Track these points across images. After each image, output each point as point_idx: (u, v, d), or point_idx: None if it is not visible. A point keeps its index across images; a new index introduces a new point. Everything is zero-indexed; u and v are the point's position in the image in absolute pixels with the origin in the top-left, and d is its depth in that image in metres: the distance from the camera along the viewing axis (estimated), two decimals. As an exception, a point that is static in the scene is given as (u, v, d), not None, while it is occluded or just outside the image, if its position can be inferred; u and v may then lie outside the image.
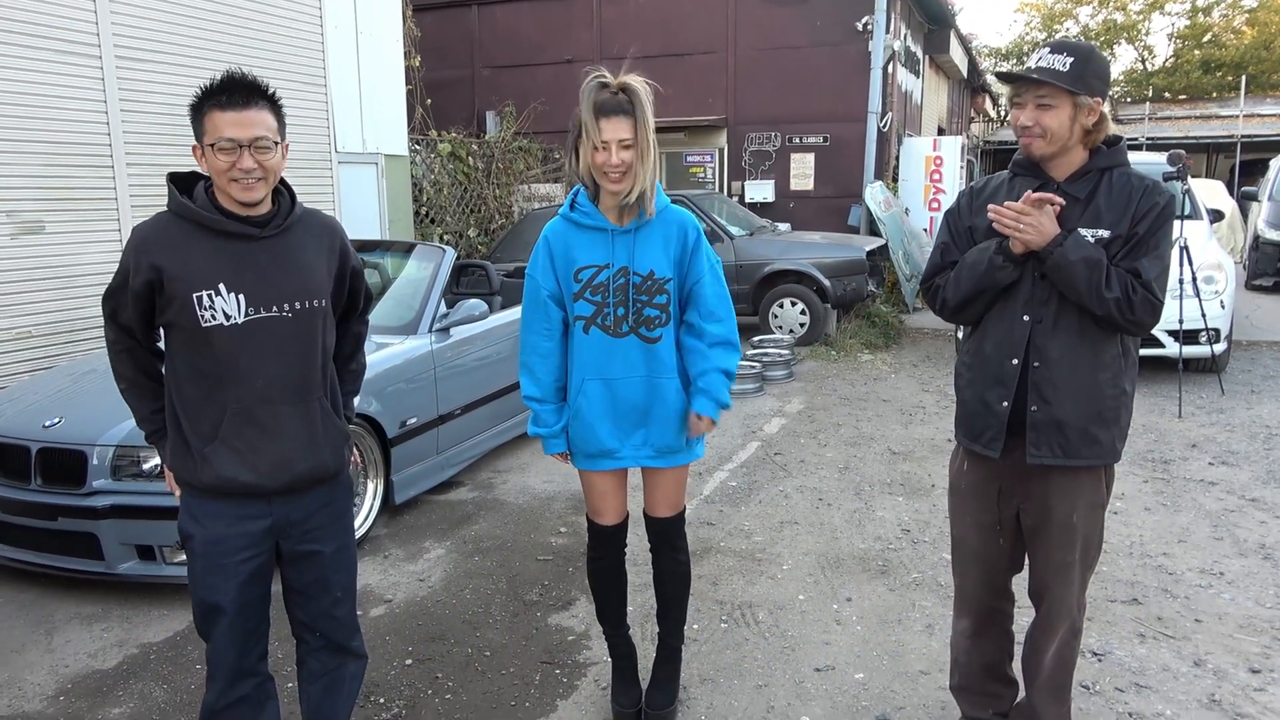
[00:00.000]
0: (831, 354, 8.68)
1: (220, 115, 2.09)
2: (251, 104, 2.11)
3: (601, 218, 2.57)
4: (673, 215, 2.61)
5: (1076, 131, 2.24)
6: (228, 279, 2.14)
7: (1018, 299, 2.32)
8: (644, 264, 2.56)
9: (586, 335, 2.59)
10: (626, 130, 2.44)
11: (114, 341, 2.25)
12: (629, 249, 2.56)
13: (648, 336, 2.58)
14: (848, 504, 4.73)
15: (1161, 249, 2.24)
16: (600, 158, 2.46)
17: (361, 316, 2.53)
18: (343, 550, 2.40)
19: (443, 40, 13.11)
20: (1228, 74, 29.86)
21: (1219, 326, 7.05)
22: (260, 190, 2.14)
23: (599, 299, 2.56)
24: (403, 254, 5.55)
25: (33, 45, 5.62)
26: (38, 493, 3.67)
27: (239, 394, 2.17)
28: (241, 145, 2.08)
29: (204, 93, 2.12)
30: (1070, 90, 2.18)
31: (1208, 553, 4.04)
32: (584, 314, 2.58)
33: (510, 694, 3.04)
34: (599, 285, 2.56)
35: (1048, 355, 2.29)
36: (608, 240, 2.56)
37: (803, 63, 12.41)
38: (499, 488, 5.10)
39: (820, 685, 3.04)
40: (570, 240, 2.59)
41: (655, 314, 2.57)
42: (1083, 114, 2.22)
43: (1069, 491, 2.35)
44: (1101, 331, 2.28)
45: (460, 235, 10.59)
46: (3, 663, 3.31)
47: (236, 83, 2.11)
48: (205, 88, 2.12)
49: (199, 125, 2.13)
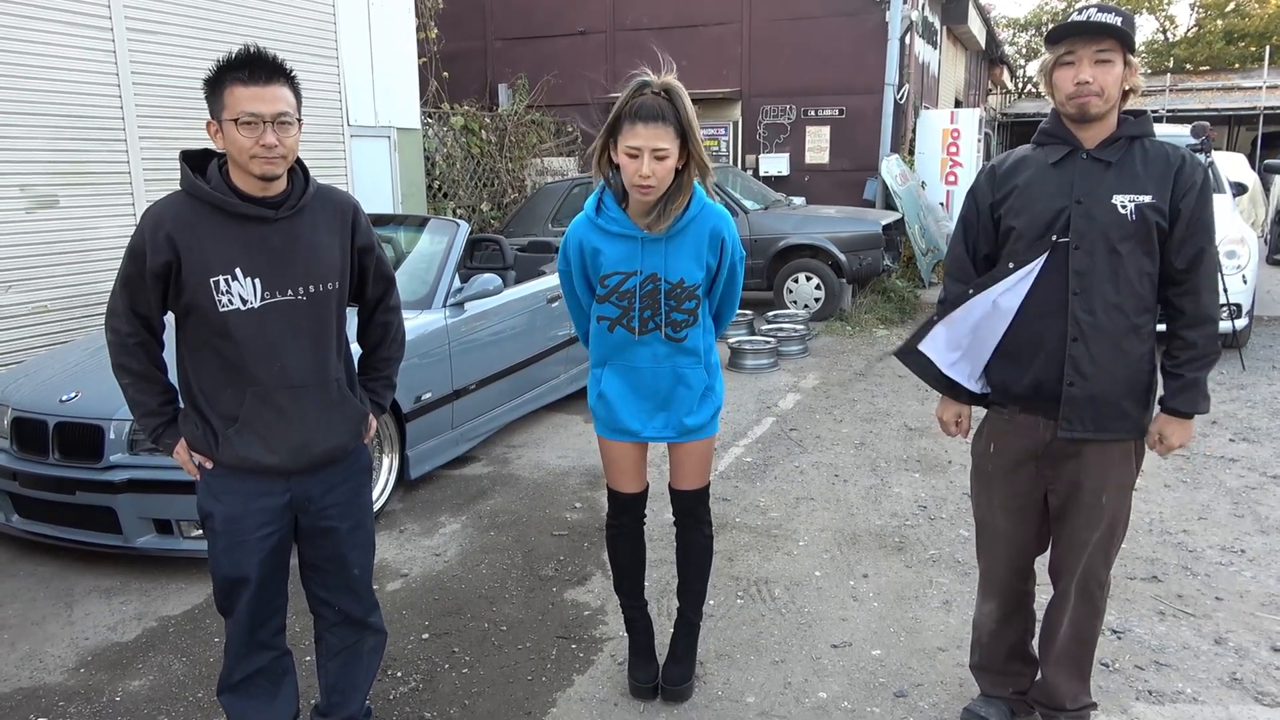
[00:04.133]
0: (847, 329, 8.62)
1: (242, 90, 2.05)
2: (274, 80, 2.08)
3: (630, 224, 2.47)
4: (708, 218, 2.51)
5: (1120, 94, 2.20)
6: (244, 263, 2.12)
7: (1056, 277, 2.27)
8: (675, 272, 2.48)
9: (611, 334, 2.57)
10: (665, 139, 2.31)
11: (128, 334, 2.17)
12: (661, 257, 2.47)
13: (674, 336, 2.55)
14: (864, 480, 4.70)
15: (1211, 224, 2.24)
16: (631, 166, 2.33)
17: (384, 305, 2.44)
18: (359, 527, 2.39)
19: (455, 12, 12.98)
20: (1251, 44, 29.35)
21: (1240, 301, 6.96)
22: (281, 167, 2.11)
23: (625, 304, 2.51)
24: (416, 228, 5.52)
25: (44, 19, 5.59)
26: (56, 467, 3.69)
27: (257, 379, 2.16)
28: (265, 121, 2.05)
29: (222, 66, 2.07)
30: (1128, 44, 2.14)
31: (1228, 530, 4.00)
32: (609, 315, 2.54)
33: (527, 668, 3.04)
34: (626, 292, 2.50)
35: (1086, 330, 2.24)
36: (636, 247, 2.47)
37: (818, 34, 12.24)
38: (514, 463, 5.10)
39: (837, 661, 3.04)
40: (597, 244, 2.51)
41: (684, 318, 2.53)
42: (1129, 74, 2.18)
43: (1100, 469, 2.31)
44: (1139, 306, 2.24)
45: (473, 209, 10.55)
46: (24, 635, 3.34)
47: (258, 59, 2.06)
48: (223, 61, 2.07)
49: (217, 100, 2.08)
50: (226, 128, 2.07)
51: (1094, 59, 2.16)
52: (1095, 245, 2.21)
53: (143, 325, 2.18)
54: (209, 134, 2.14)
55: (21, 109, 5.50)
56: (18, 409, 3.83)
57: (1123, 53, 2.16)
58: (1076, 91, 2.18)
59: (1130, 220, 2.19)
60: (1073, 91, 2.18)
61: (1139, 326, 2.25)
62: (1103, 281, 2.22)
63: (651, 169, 2.32)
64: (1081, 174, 2.24)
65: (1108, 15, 2.15)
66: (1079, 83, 2.17)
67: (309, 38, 7.53)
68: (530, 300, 5.51)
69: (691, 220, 2.48)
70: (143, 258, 2.10)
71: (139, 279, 2.12)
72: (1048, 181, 2.28)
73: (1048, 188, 2.27)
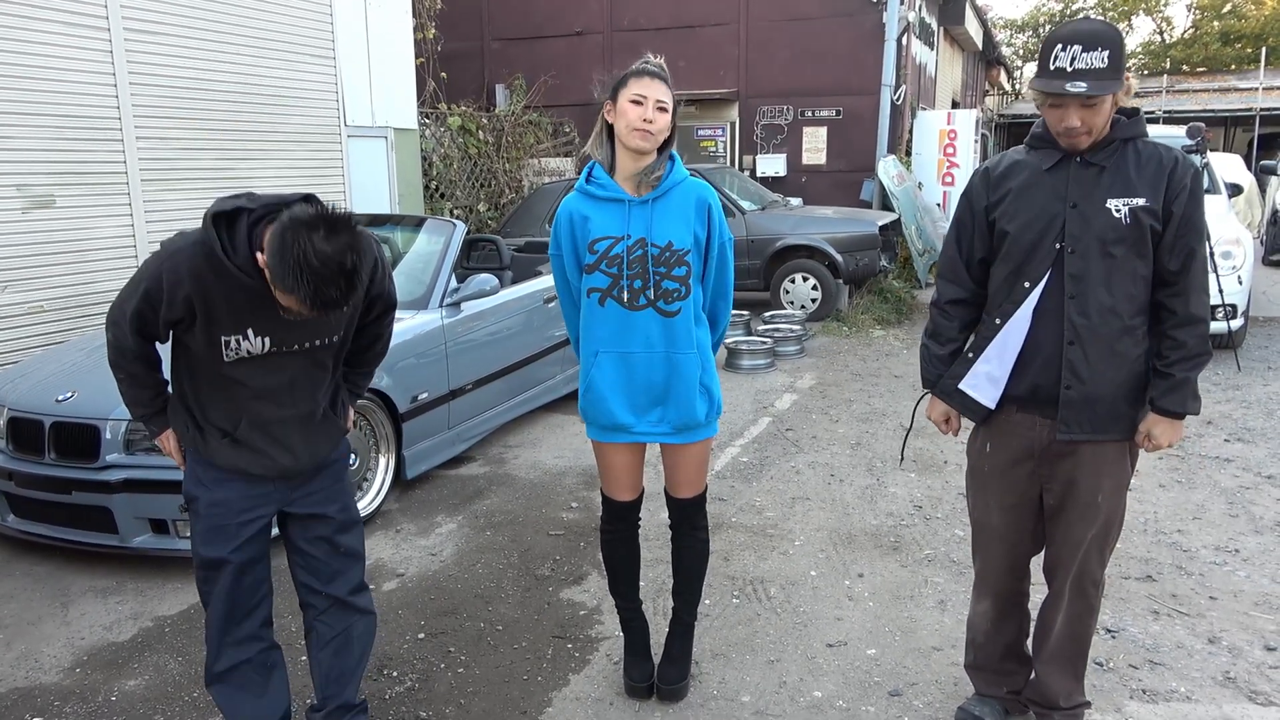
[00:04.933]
0: (843, 329, 8.63)
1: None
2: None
3: (618, 188, 2.54)
4: (691, 188, 2.58)
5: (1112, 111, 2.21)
6: (255, 325, 2.15)
7: (1051, 281, 2.27)
8: (662, 235, 2.52)
9: (602, 308, 2.56)
10: (666, 95, 2.49)
11: (131, 349, 2.20)
12: (646, 220, 2.53)
13: (666, 310, 2.54)
14: (860, 480, 4.71)
15: (1202, 226, 2.25)
16: (634, 111, 2.46)
17: (381, 320, 2.47)
18: (346, 508, 2.45)
19: (453, 12, 12.99)
20: (1247, 45, 29.42)
21: (1236, 302, 6.97)
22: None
23: (615, 271, 2.52)
24: (413, 228, 5.52)
25: (42, 19, 5.58)
26: (52, 466, 3.69)
27: (251, 407, 2.23)
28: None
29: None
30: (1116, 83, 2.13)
31: (1223, 530, 4.01)
32: (600, 286, 2.54)
33: (522, 668, 3.05)
34: (615, 257, 2.52)
35: (1082, 334, 2.25)
36: (624, 211, 2.53)
37: (816, 35, 12.26)
38: (510, 463, 5.10)
39: (832, 661, 3.04)
40: (586, 212, 2.57)
41: (674, 286, 2.53)
42: (1120, 96, 2.18)
43: (1096, 469, 2.32)
44: (1133, 308, 2.24)
45: (470, 210, 10.55)
46: (20, 635, 3.34)
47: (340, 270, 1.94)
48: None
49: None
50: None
51: (1082, 105, 2.14)
52: (1089, 249, 2.22)
53: (147, 343, 2.23)
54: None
55: (18, 108, 5.50)
56: (14, 409, 3.82)
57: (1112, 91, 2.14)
58: (1065, 132, 2.18)
59: (1124, 223, 2.20)
60: (1062, 131, 2.19)
61: (1133, 328, 2.26)
62: (1097, 285, 2.23)
63: (654, 114, 2.46)
64: (1075, 179, 2.24)
65: (1094, 54, 2.08)
66: (1066, 129, 2.17)
67: (306, 37, 7.53)
68: (527, 300, 5.51)
69: (676, 185, 2.56)
70: (158, 306, 2.11)
71: (151, 316, 2.13)
72: (1042, 186, 2.28)
73: (1042, 193, 2.28)
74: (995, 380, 2.37)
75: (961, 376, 2.43)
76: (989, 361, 2.37)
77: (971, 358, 2.41)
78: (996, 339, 2.35)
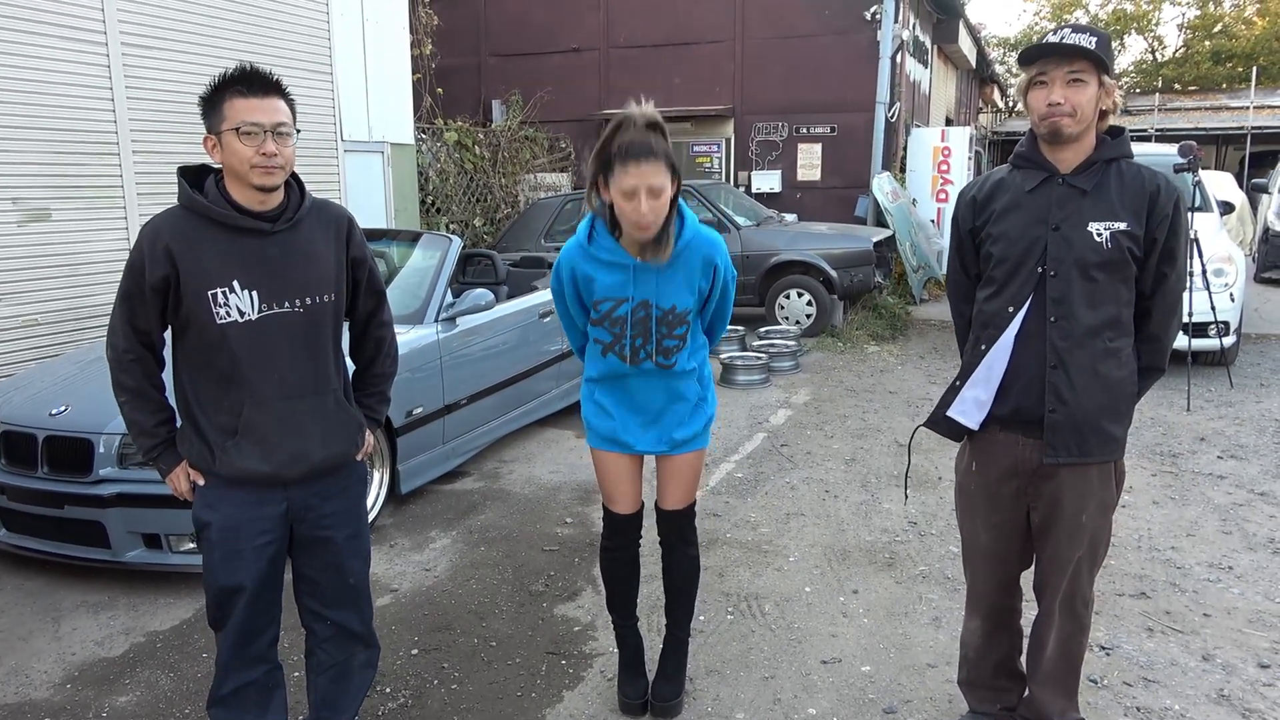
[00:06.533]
0: (838, 345, 8.65)
1: (242, 101, 2.10)
2: (270, 93, 2.14)
3: (622, 253, 2.48)
4: (699, 247, 2.50)
5: (1095, 114, 2.21)
6: (241, 275, 2.14)
7: (1033, 304, 2.28)
8: (667, 299, 2.50)
9: (604, 358, 2.60)
10: (659, 175, 2.28)
11: (125, 350, 2.19)
12: (653, 285, 2.49)
13: (665, 363, 2.57)
14: (854, 496, 4.71)
15: (1180, 253, 2.29)
16: (629, 208, 2.31)
17: (376, 320, 2.47)
18: (356, 536, 2.41)
19: (450, 28, 13.05)
20: (1238, 65, 29.65)
21: (1228, 319, 7.01)
22: (279, 177, 2.15)
23: (617, 330, 2.53)
24: (409, 243, 5.53)
25: (39, 32, 5.60)
26: (45, 480, 3.67)
27: (256, 390, 2.19)
28: (265, 130, 2.09)
29: (220, 82, 2.13)
30: (1101, 66, 2.16)
31: (1216, 547, 4.02)
32: (602, 340, 2.58)
33: (516, 684, 3.03)
34: (619, 318, 2.52)
35: (1064, 357, 2.26)
36: (628, 275, 2.49)
37: (811, 52, 12.33)
38: (505, 478, 5.10)
39: (827, 677, 3.04)
40: (590, 272, 2.52)
41: (674, 344, 2.56)
42: (1104, 95, 2.20)
43: (1080, 490, 2.32)
44: (1115, 331, 2.26)
45: (466, 225, 10.57)
46: (10, 650, 3.32)
47: (255, 74, 2.13)
48: (221, 78, 2.13)
49: (215, 113, 2.13)
50: (226, 139, 2.11)
51: (1066, 80, 2.16)
52: (1070, 272, 2.23)
53: (139, 341, 2.20)
54: (206, 149, 2.17)
55: (15, 122, 5.51)
56: (7, 422, 3.81)
57: (1097, 74, 2.17)
58: (1049, 112, 2.19)
59: (1106, 248, 2.21)
60: (1045, 112, 2.19)
61: (1116, 350, 2.27)
62: (1079, 308, 2.23)
63: (649, 207, 2.31)
64: (1058, 202, 2.25)
65: (1081, 36, 2.16)
66: (1051, 104, 2.18)
67: (303, 53, 7.56)
68: (522, 315, 5.52)
69: (684, 248, 2.48)
70: (141, 272, 2.12)
71: (138, 294, 2.15)
72: (1024, 209, 2.29)
73: (1025, 215, 2.28)
74: (981, 404, 2.38)
75: (950, 405, 2.45)
76: (975, 387, 2.39)
77: (959, 386, 2.43)
78: (982, 364, 2.37)
